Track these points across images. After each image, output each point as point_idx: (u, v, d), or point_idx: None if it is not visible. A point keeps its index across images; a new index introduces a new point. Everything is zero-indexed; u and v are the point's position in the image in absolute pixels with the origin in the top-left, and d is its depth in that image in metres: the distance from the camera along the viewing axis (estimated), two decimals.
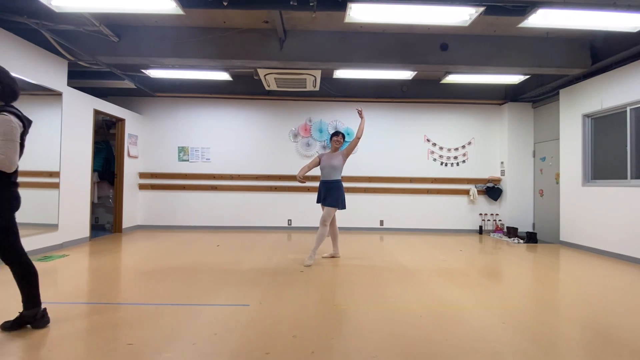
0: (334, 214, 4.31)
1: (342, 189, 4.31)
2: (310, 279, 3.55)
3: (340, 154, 4.34)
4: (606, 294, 3.25)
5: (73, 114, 5.11)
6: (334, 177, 4.27)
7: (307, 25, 4.70)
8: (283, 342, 2.13)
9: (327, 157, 4.33)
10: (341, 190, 4.27)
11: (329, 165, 4.26)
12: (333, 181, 4.27)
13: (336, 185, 4.26)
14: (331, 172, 4.26)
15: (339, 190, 4.25)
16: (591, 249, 5.29)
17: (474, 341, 2.18)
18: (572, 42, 4.96)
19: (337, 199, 4.21)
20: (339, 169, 4.27)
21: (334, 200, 4.20)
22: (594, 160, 5.46)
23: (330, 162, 4.26)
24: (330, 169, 4.25)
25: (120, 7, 3.59)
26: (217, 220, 7.07)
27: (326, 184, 4.29)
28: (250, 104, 7.19)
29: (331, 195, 4.21)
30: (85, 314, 2.54)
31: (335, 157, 4.29)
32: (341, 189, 4.28)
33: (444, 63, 4.95)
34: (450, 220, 7.18)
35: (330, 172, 4.26)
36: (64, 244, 4.94)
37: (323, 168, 4.30)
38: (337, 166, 4.25)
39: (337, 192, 4.23)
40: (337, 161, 4.26)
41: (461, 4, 3.49)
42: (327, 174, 4.29)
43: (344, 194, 4.30)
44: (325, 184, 4.30)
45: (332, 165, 4.24)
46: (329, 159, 4.29)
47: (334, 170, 4.25)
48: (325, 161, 4.31)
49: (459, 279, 3.61)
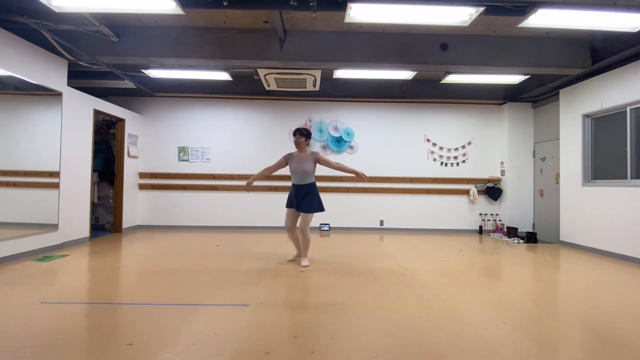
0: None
1: (317, 190, 4.06)
2: (310, 279, 3.54)
3: (313, 158, 4.00)
4: (606, 293, 3.25)
5: (73, 114, 5.10)
6: (307, 181, 4.01)
7: (307, 25, 4.70)
8: (283, 342, 2.13)
9: (297, 161, 4.01)
10: (316, 193, 4.02)
11: (300, 171, 3.98)
12: (306, 185, 4.01)
13: (311, 189, 4.00)
14: (304, 177, 4.00)
15: (314, 193, 4.01)
16: (591, 249, 5.29)
17: (474, 341, 2.18)
18: (572, 42, 4.96)
19: (312, 204, 3.97)
20: (311, 174, 4.02)
21: (310, 206, 3.95)
22: (594, 160, 5.46)
23: (302, 167, 3.97)
24: (302, 174, 3.99)
25: (120, 7, 3.59)
26: (217, 220, 7.07)
27: (299, 189, 4.01)
28: (250, 104, 7.19)
29: (306, 201, 3.95)
30: (85, 314, 2.54)
31: (306, 162, 3.98)
32: (316, 192, 4.03)
33: (444, 63, 4.95)
34: (450, 220, 7.18)
35: (302, 177, 4.00)
36: (64, 244, 4.94)
37: (294, 172, 4.02)
38: (309, 171, 3.99)
39: (312, 196, 3.98)
40: (309, 166, 3.97)
41: (461, 4, 3.49)
42: (299, 179, 4.02)
43: (319, 195, 4.07)
44: (298, 188, 4.03)
45: (303, 171, 3.97)
46: (300, 163, 3.99)
47: (307, 175, 4.00)
48: (295, 165, 4.00)
49: (459, 279, 3.61)
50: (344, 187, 7.15)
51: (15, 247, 4.14)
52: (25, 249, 4.26)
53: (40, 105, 4.71)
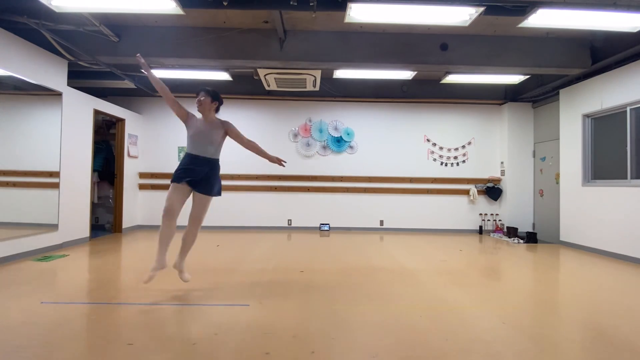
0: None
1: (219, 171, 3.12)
2: (310, 279, 3.54)
3: (224, 128, 3.07)
4: (606, 293, 3.24)
5: (73, 114, 5.10)
6: (213, 155, 3.03)
7: (307, 25, 4.69)
8: (283, 342, 2.13)
9: (203, 127, 3.01)
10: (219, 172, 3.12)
11: (207, 139, 2.97)
12: (212, 160, 3.02)
13: (217, 166, 3.07)
14: (209, 147, 2.98)
15: (218, 172, 3.10)
16: (591, 249, 5.29)
17: (474, 341, 2.18)
18: (572, 42, 4.96)
19: (215, 185, 3.05)
20: (219, 147, 3.07)
21: (212, 187, 3.02)
22: (594, 160, 5.46)
23: (210, 135, 2.98)
24: (208, 143, 2.97)
25: (120, 7, 3.59)
26: (218, 220, 7.06)
27: (202, 163, 2.96)
28: (250, 104, 7.19)
29: (209, 180, 2.99)
30: (85, 314, 2.54)
31: (215, 129, 3.02)
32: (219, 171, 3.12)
33: (444, 63, 4.95)
34: (450, 220, 7.18)
35: (208, 146, 2.97)
36: (64, 244, 4.93)
37: (196, 139, 2.96)
38: (217, 142, 3.03)
39: (217, 175, 3.08)
40: (217, 135, 3.02)
41: (461, 4, 3.48)
42: (202, 149, 2.97)
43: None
44: (200, 161, 2.96)
45: (211, 140, 2.98)
46: (207, 130, 2.99)
47: (213, 146, 3.01)
48: (200, 131, 2.97)
49: (459, 279, 3.61)
50: (344, 187, 7.15)
51: (15, 247, 4.13)
52: (25, 249, 4.26)
53: (40, 105, 4.71)
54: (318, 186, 7.15)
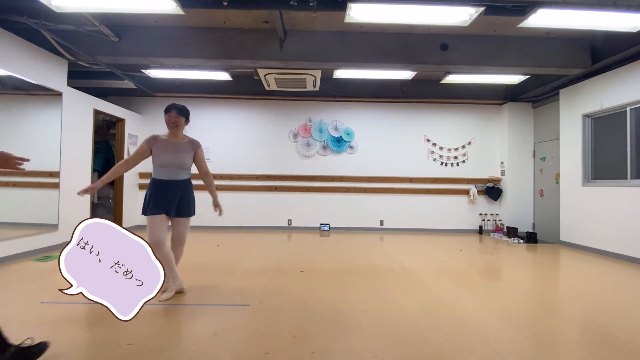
0: None
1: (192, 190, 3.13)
2: (310, 279, 3.54)
3: (193, 149, 3.03)
4: (606, 294, 3.25)
5: (73, 114, 5.10)
6: (184, 177, 3.03)
7: (307, 25, 4.69)
8: (283, 342, 2.13)
9: (171, 148, 2.92)
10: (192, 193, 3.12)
11: (177, 163, 2.93)
12: (184, 181, 3.02)
13: (190, 186, 3.09)
14: (181, 172, 2.99)
15: (192, 191, 3.11)
16: (591, 249, 5.29)
17: (474, 341, 2.18)
18: (572, 42, 4.96)
19: (192, 205, 3.10)
20: (189, 168, 3.05)
21: (190, 208, 3.07)
22: (594, 160, 5.46)
23: (180, 158, 2.94)
24: (178, 167, 2.95)
25: (120, 7, 3.60)
26: (217, 220, 7.03)
27: (174, 186, 2.95)
28: (250, 104, 7.19)
29: (186, 202, 3.02)
30: (85, 314, 2.54)
31: (186, 152, 2.98)
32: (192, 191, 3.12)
33: (444, 63, 4.95)
34: (450, 220, 7.18)
35: (178, 171, 2.97)
36: (64, 244, 4.92)
37: (165, 164, 2.91)
38: (187, 165, 3.01)
39: (191, 195, 3.09)
40: (188, 159, 3.00)
41: (461, 4, 3.49)
42: (173, 174, 2.94)
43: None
44: (172, 186, 2.94)
45: (181, 164, 2.95)
46: (176, 153, 2.93)
47: (185, 170, 3.02)
48: (168, 154, 2.90)
49: (459, 279, 3.61)
50: (344, 187, 7.15)
51: (15, 247, 4.13)
52: (25, 249, 4.26)
53: (40, 105, 4.71)
54: (318, 186, 7.15)
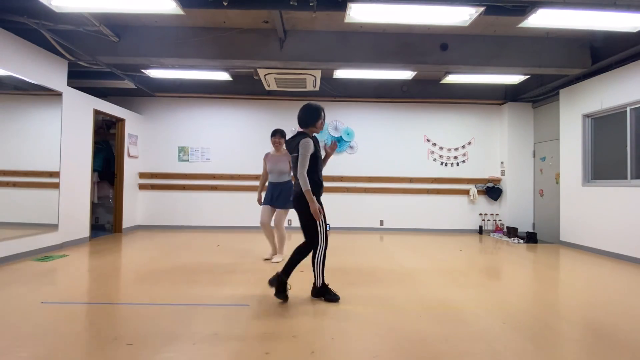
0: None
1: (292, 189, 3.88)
2: (310, 279, 3.54)
3: (287, 157, 4.16)
4: (606, 293, 3.25)
5: (73, 114, 5.10)
6: (283, 179, 4.23)
7: (307, 25, 4.69)
8: (283, 342, 2.13)
9: (274, 160, 4.23)
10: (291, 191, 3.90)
11: (276, 170, 4.20)
12: (282, 183, 4.22)
13: (287, 187, 4.19)
14: (280, 175, 4.22)
15: (290, 190, 4.10)
16: (591, 249, 5.29)
17: (474, 341, 2.18)
18: (572, 42, 4.96)
19: (288, 200, 4.10)
20: (287, 172, 4.22)
21: (285, 202, 4.14)
22: (594, 160, 5.46)
23: (278, 166, 4.19)
24: (278, 173, 4.20)
25: (120, 7, 3.59)
26: (217, 220, 7.07)
27: (276, 186, 4.21)
28: (250, 104, 7.19)
29: (283, 197, 4.15)
30: (85, 314, 2.54)
31: (282, 161, 4.20)
32: (291, 189, 3.99)
33: (444, 63, 4.95)
34: (450, 220, 7.18)
35: (279, 175, 4.21)
36: (64, 244, 4.93)
37: (271, 171, 4.23)
38: (285, 170, 4.19)
39: (288, 193, 4.12)
40: (284, 165, 4.17)
41: (461, 4, 3.49)
42: (276, 177, 4.24)
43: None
44: (274, 186, 4.23)
45: (279, 170, 4.19)
46: (276, 163, 4.21)
47: (283, 174, 4.21)
48: (272, 164, 4.22)
49: (459, 279, 3.61)
50: (344, 187, 7.15)
51: (15, 247, 4.14)
52: (25, 249, 4.26)
53: (40, 105, 4.70)
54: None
